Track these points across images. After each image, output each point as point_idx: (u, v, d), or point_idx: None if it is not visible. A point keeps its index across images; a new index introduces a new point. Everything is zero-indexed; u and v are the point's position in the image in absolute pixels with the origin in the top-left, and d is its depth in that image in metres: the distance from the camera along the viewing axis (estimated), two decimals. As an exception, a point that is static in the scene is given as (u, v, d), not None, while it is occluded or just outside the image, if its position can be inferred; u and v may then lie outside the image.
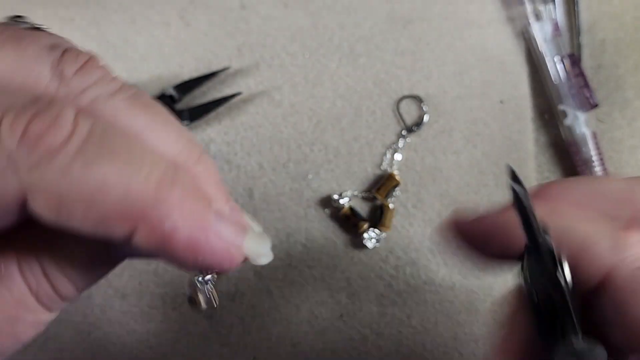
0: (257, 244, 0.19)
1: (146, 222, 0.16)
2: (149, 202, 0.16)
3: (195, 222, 0.17)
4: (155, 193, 0.16)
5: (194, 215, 0.17)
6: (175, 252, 0.17)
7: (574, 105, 0.42)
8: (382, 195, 0.41)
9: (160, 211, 0.16)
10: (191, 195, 0.17)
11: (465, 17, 0.44)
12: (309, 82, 0.42)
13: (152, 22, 0.42)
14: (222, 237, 0.18)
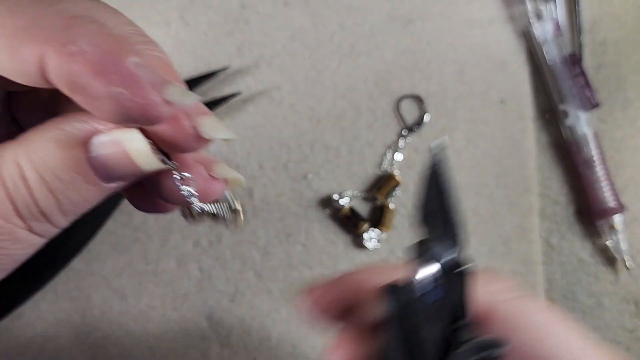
0: (185, 96, 0.17)
1: (51, 44, 0.16)
2: (57, 27, 0.16)
3: (106, 53, 0.16)
4: (65, 21, 0.16)
5: (106, 47, 0.16)
6: (82, 78, 0.16)
7: (575, 105, 0.42)
8: (383, 195, 0.41)
9: (67, 36, 0.16)
10: (108, 36, 0.16)
11: (466, 16, 0.43)
12: (309, 82, 0.42)
13: (152, 22, 0.41)
14: (137, 72, 0.16)
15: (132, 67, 0.16)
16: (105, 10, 0.18)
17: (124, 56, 0.16)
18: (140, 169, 0.18)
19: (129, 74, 0.16)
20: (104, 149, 0.18)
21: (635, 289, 0.43)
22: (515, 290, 0.23)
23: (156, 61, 0.18)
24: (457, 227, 0.20)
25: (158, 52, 0.18)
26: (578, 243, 0.43)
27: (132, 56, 0.16)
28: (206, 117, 0.19)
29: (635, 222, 0.43)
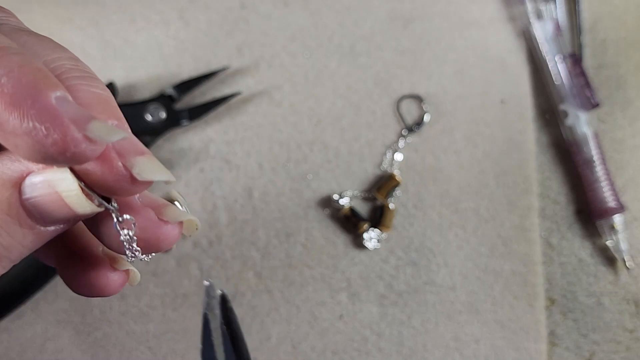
0: (111, 133, 0.15)
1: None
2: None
3: (24, 86, 0.15)
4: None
5: (27, 79, 0.15)
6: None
7: (575, 105, 0.42)
8: (383, 195, 0.41)
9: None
10: (32, 69, 0.15)
11: (466, 16, 0.44)
12: (309, 82, 0.42)
13: (152, 22, 0.41)
14: (58, 107, 0.15)
15: (53, 101, 0.15)
16: (48, 45, 0.18)
17: (45, 90, 0.15)
18: (74, 212, 0.17)
19: (47, 108, 0.15)
20: (36, 191, 0.17)
21: (635, 289, 0.43)
22: None
23: (91, 97, 0.17)
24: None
25: (97, 88, 0.17)
26: (578, 243, 0.43)
27: (55, 90, 0.15)
28: (142, 156, 0.17)
29: (635, 222, 0.43)
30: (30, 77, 0.15)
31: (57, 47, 0.18)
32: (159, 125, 0.39)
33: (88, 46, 0.41)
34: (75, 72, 0.17)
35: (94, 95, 0.17)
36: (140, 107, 0.39)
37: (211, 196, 0.40)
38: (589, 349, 0.42)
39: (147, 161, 0.17)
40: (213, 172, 0.41)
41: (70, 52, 0.18)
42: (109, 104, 0.17)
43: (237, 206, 0.40)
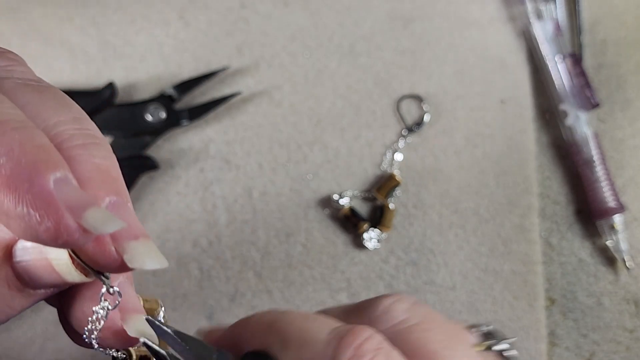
0: (106, 223, 0.15)
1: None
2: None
3: (23, 168, 0.14)
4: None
5: (26, 160, 0.14)
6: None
7: (575, 105, 0.42)
8: (383, 195, 0.41)
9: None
10: (33, 146, 0.15)
11: (466, 16, 0.44)
12: (309, 82, 0.42)
13: (152, 22, 0.42)
14: (55, 192, 0.14)
15: (51, 184, 0.14)
16: (51, 105, 0.17)
17: (44, 171, 0.14)
18: (63, 279, 0.17)
19: (43, 194, 0.14)
20: (27, 255, 0.17)
21: (635, 289, 0.43)
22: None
23: (92, 168, 0.16)
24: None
25: (100, 156, 0.17)
26: (578, 243, 0.43)
27: (55, 170, 0.15)
28: (136, 241, 0.17)
29: (635, 222, 0.43)
30: (30, 158, 0.14)
31: (61, 107, 0.17)
32: (159, 125, 0.39)
33: (88, 46, 0.41)
34: (78, 139, 0.17)
35: (94, 167, 0.16)
36: (140, 107, 0.39)
37: (211, 196, 0.40)
38: (588, 349, 0.42)
39: (140, 247, 0.17)
40: (213, 172, 0.41)
41: (74, 108, 0.18)
42: (110, 175, 0.17)
43: (237, 206, 0.41)
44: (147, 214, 0.40)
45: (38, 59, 0.40)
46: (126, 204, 0.17)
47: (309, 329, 0.19)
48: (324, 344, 0.18)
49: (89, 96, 0.38)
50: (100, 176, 0.16)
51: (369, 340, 0.18)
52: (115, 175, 0.17)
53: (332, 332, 0.19)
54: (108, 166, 0.17)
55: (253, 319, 0.21)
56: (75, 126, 0.17)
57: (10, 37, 0.40)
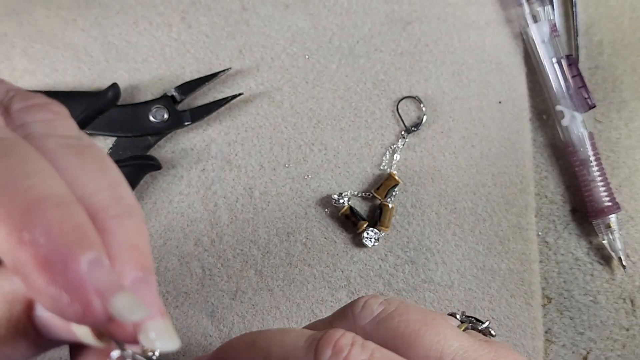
0: (133, 310, 0.15)
1: (6, 225, 0.15)
2: (18, 209, 0.15)
3: (58, 249, 0.15)
4: (27, 204, 0.15)
5: (62, 241, 0.15)
6: (26, 269, 0.15)
7: (571, 106, 0.42)
8: (382, 195, 0.41)
9: (23, 222, 0.15)
10: (70, 226, 0.15)
11: (463, 18, 0.44)
12: (309, 83, 0.42)
13: (154, 24, 0.42)
14: (86, 275, 0.15)
15: (85, 268, 0.15)
16: (89, 169, 0.18)
17: (79, 254, 0.15)
18: (80, 340, 0.18)
19: (75, 279, 0.15)
20: (48, 312, 0.17)
21: (630, 287, 0.43)
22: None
23: (123, 241, 0.17)
24: None
25: (132, 230, 0.17)
26: (574, 242, 0.44)
27: (90, 251, 0.15)
28: (154, 321, 0.17)
29: (630, 221, 0.44)
30: (67, 239, 0.15)
31: (100, 171, 0.18)
32: (162, 126, 0.39)
33: (91, 48, 0.41)
34: (113, 210, 0.17)
35: (125, 242, 0.17)
36: (143, 108, 0.39)
37: (212, 195, 0.41)
38: (585, 347, 0.42)
39: (158, 328, 0.17)
40: (214, 172, 0.41)
41: (112, 171, 0.18)
42: (139, 250, 0.17)
43: (238, 205, 0.41)
44: (149, 213, 0.40)
45: (42, 61, 0.41)
46: (150, 279, 0.18)
47: (288, 341, 0.20)
48: (304, 350, 0.20)
49: (93, 97, 0.38)
50: (129, 252, 0.17)
51: (343, 337, 0.20)
52: (144, 250, 0.18)
53: (309, 339, 0.20)
54: (139, 241, 0.17)
55: (234, 341, 0.22)
56: (111, 194, 0.18)
57: (14, 38, 0.40)
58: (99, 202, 0.17)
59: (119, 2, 0.42)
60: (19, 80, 0.40)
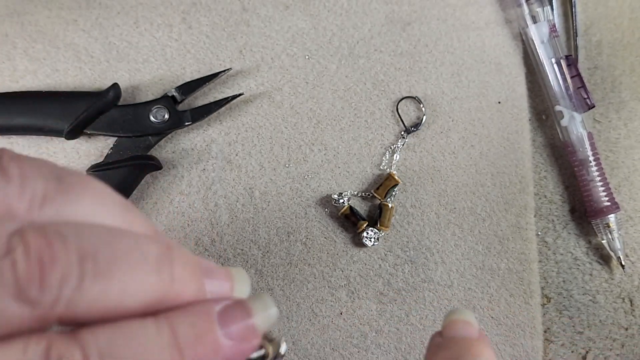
0: (265, 311, 0.19)
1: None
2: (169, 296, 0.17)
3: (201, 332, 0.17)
4: (170, 285, 0.17)
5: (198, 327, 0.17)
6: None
7: (570, 106, 0.42)
8: (382, 194, 0.41)
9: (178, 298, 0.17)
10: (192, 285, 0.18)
11: (463, 19, 0.44)
12: (309, 84, 0.42)
13: (155, 24, 0.42)
14: (234, 339, 0.18)
15: (233, 345, 0.18)
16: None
17: (220, 339, 0.18)
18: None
19: (235, 351, 0.18)
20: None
21: (629, 287, 0.43)
22: None
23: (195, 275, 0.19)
24: None
25: (183, 251, 0.19)
26: (573, 241, 0.44)
27: (222, 333, 0.18)
28: (261, 314, 0.19)
29: (629, 221, 0.44)
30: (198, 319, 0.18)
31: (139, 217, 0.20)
32: (162, 126, 0.39)
33: (92, 48, 0.41)
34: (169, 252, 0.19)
35: (188, 267, 0.19)
36: (143, 108, 0.39)
37: (213, 195, 0.41)
38: (584, 346, 0.43)
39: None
40: (215, 172, 0.41)
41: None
42: (197, 263, 0.20)
43: (239, 205, 0.41)
44: (150, 213, 0.41)
45: (43, 61, 0.41)
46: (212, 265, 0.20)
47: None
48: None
49: (93, 97, 0.39)
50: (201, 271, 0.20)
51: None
52: (201, 262, 0.20)
53: None
54: (195, 258, 0.20)
55: None
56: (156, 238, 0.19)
57: (15, 39, 0.41)
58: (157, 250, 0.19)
59: (120, 2, 0.42)
60: (20, 80, 0.40)
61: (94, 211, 0.18)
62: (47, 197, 0.17)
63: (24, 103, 0.38)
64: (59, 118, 0.38)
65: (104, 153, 0.40)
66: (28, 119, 0.38)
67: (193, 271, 0.18)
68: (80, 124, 0.38)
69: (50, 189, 0.17)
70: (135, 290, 0.17)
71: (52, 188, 0.17)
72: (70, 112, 0.38)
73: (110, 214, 0.18)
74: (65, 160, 0.40)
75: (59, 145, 0.41)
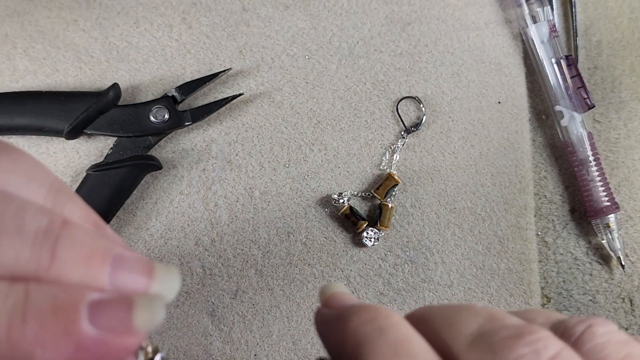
0: (150, 310, 0.16)
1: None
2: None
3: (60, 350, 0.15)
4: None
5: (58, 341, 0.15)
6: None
7: (570, 106, 0.42)
8: (381, 194, 0.41)
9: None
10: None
11: (463, 19, 0.44)
12: (309, 84, 0.43)
13: (155, 25, 0.42)
14: (105, 331, 0.16)
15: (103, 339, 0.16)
16: None
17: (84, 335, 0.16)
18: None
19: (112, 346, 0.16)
20: None
21: (629, 287, 0.43)
22: None
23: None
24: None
25: (79, 202, 0.19)
26: (573, 241, 0.44)
27: (88, 324, 0.16)
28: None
29: (629, 221, 0.44)
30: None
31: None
32: (162, 126, 0.39)
33: (92, 48, 0.41)
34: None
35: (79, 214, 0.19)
36: (143, 108, 0.39)
37: (213, 195, 0.41)
38: (584, 346, 0.43)
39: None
40: (215, 172, 0.41)
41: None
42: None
43: (239, 205, 0.41)
44: (150, 213, 0.41)
45: (43, 61, 0.41)
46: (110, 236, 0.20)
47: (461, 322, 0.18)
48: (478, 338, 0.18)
49: (94, 97, 0.39)
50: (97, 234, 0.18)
51: (551, 339, 0.17)
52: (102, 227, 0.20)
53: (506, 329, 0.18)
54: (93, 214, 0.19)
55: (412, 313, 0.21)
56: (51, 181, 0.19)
57: (15, 39, 0.41)
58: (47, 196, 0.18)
59: (120, 2, 0.42)
60: (20, 80, 0.40)
61: (12, 182, 0.17)
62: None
63: (24, 103, 0.38)
64: (59, 118, 0.38)
65: (104, 153, 0.40)
66: (28, 119, 0.38)
67: (87, 255, 0.16)
68: (80, 124, 0.38)
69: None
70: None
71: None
72: (70, 112, 0.38)
73: (31, 189, 0.17)
74: (65, 160, 0.40)
75: (59, 145, 0.41)
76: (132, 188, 0.39)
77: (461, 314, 0.19)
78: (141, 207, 0.41)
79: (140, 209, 0.41)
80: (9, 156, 0.17)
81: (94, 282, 0.16)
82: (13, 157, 0.17)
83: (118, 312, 0.16)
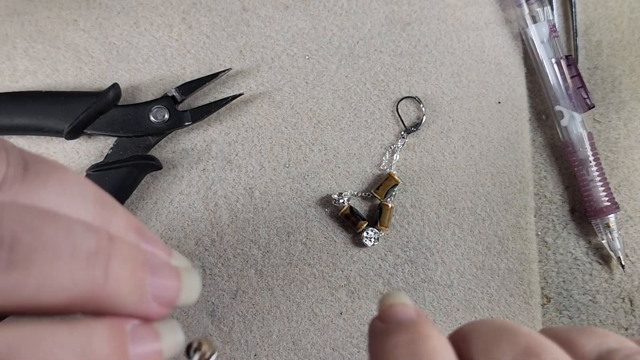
0: (173, 336, 0.19)
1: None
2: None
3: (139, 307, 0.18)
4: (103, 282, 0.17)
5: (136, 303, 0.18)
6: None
7: (570, 106, 0.43)
8: (381, 194, 0.41)
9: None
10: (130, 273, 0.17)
11: (463, 19, 0.44)
12: (309, 84, 0.43)
13: (155, 24, 0.42)
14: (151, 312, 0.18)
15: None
16: None
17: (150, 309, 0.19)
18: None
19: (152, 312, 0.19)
20: None
21: (629, 287, 0.43)
22: None
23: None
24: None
25: (124, 213, 0.19)
26: (573, 241, 0.44)
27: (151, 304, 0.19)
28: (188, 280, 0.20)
29: (629, 220, 0.44)
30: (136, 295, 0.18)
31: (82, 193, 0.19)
32: (162, 126, 0.39)
33: (92, 48, 0.41)
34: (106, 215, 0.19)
35: (126, 228, 0.19)
36: (143, 108, 0.39)
37: (213, 195, 0.41)
38: (584, 346, 0.43)
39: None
40: (215, 172, 0.41)
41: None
42: (140, 228, 0.20)
43: (239, 205, 0.41)
44: (150, 213, 0.41)
45: (43, 61, 0.41)
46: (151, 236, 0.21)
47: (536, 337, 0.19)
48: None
49: (94, 97, 0.39)
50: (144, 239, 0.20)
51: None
52: (145, 229, 0.21)
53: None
54: (137, 222, 0.20)
55: (477, 323, 0.21)
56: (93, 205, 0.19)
57: (15, 39, 0.41)
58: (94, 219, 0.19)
59: (120, 2, 0.42)
60: (20, 80, 0.40)
61: (60, 202, 0.17)
62: (6, 182, 0.17)
63: (24, 103, 0.38)
64: (59, 118, 0.38)
65: (104, 153, 0.40)
66: (28, 119, 0.38)
67: (134, 269, 0.18)
68: (80, 124, 0.38)
69: (10, 175, 0.17)
70: (56, 285, 0.15)
71: (12, 174, 0.17)
72: (70, 112, 0.38)
73: (78, 207, 0.18)
74: (65, 160, 0.40)
75: (59, 145, 0.41)
76: (132, 188, 0.39)
77: (501, 340, 0.19)
78: (141, 207, 0.41)
79: (140, 209, 0.41)
80: (54, 176, 0.18)
81: (140, 294, 0.18)
82: (58, 177, 0.18)
83: (151, 342, 0.18)
